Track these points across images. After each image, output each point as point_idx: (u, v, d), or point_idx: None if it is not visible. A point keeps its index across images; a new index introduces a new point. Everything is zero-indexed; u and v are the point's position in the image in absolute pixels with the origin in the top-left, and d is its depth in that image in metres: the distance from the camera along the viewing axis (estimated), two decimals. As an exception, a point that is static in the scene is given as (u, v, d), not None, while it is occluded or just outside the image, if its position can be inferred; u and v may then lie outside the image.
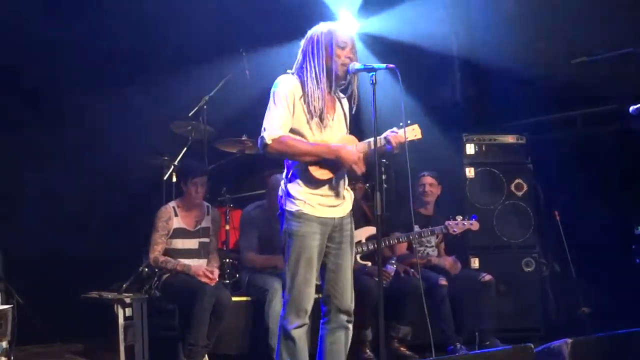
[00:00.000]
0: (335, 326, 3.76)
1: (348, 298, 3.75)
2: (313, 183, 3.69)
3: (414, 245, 5.81)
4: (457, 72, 7.38)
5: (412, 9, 6.54)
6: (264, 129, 3.63)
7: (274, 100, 3.67)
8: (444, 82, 7.41)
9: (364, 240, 5.49)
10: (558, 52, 6.36)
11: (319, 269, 3.72)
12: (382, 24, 6.73)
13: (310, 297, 3.66)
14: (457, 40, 7.16)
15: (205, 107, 6.11)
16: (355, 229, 5.31)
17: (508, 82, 6.84)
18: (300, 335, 3.66)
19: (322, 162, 3.67)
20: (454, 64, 7.36)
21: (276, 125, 3.61)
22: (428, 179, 5.98)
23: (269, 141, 3.60)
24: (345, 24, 6.63)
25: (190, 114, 6.10)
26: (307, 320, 3.67)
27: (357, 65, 3.71)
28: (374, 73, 3.68)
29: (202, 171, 5.41)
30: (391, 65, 3.69)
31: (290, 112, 3.66)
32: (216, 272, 5.17)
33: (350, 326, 3.79)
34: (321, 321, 3.80)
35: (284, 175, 3.80)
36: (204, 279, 5.03)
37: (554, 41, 6.42)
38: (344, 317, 3.75)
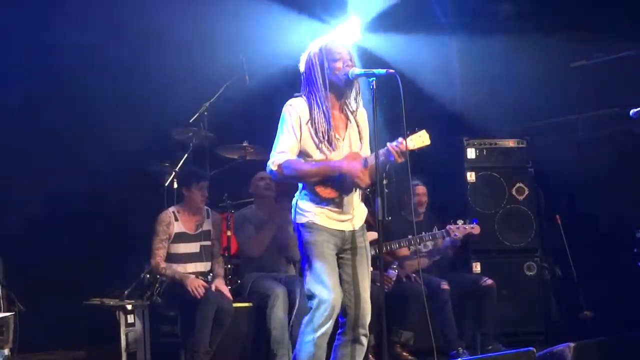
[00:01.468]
0: (350, 339, 3.75)
1: (364, 311, 3.74)
2: (321, 201, 3.74)
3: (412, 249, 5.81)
4: (458, 76, 7.39)
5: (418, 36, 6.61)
6: (271, 156, 3.71)
7: (281, 126, 3.74)
8: (444, 86, 7.40)
9: (365, 245, 5.47)
10: (558, 55, 6.37)
11: (338, 277, 3.72)
12: (384, 41, 6.75)
13: (333, 304, 3.62)
14: (457, 43, 7.17)
15: (206, 113, 6.11)
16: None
17: (508, 86, 6.84)
18: (321, 343, 3.66)
19: (328, 181, 3.71)
20: (454, 68, 7.37)
21: (282, 150, 3.69)
22: (421, 189, 5.98)
23: (274, 167, 3.69)
24: (343, 31, 6.64)
25: (191, 120, 6.11)
26: (330, 329, 3.65)
27: (357, 70, 3.73)
28: (374, 78, 3.69)
29: (206, 175, 5.51)
30: (391, 71, 3.69)
31: (297, 137, 3.71)
32: (222, 285, 5.19)
33: (365, 341, 3.77)
34: (338, 331, 3.79)
35: (296, 194, 3.84)
36: (192, 291, 5.01)
37: (554, 44, 6.43)
38: (360, 331, 3.74)
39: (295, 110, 3.73)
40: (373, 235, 5.46)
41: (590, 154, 6.55)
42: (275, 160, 3.69)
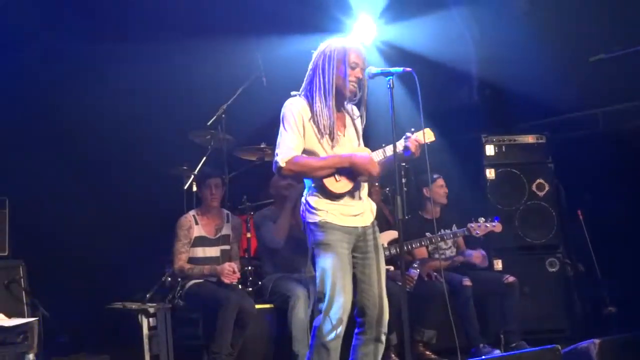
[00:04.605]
0: (369, 337, 3.74)
1: (382, 309, 3.73)
2: (331, 196, 3.71)
3: (431, 250, 5.80)
4: (475, 73, 7.35)
5: (431, 20, 6.56)
6: (277, 154, 3.68)
7: (283, 124, 3.72)
8: (461, 83, 7.37)
9: (385, 245, 5.47)
10: (576, 49, 6.31)
11: (351, 277, 3.70)
12: (400, 31, 6.73)
13: (344, 306, 3.62)
14: (474, 40, 7.13)
15: (223, 115, 6.12)
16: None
17: (526, 81, 6.80)
18: (336, 346, 3.65)
19: (337, 175, 3.69)
20: (471, 64, 7.33)
21: (288, 147, 3.67)
22: (439, 181, 5.96)
23: (282, 164, 3.66)
24: (361, 30, 6.65)
25: (208, 123, 6.12)
26: (342, 332, 3.64)
27: (373, 69, 3.73)
28: (391, 77, 3.69)
29: (215, 173, 5.50)
30: (408, 69, 3.71)
31: (301, 134, 3.70)
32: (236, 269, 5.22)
33: (384, 339, 3.77)
34: (355, 331, 3.78)
35: (304, 191, 3.82)
36: (227, 279, 5.06)
37: (572, 38, 6.38)
38: (379, 329, 3.74)
39: (296, 108, 3.71)
40: (393, 234, 5.49)
41: (612, 148, 6.49)
42: (282, 157, 3.66)
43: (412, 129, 3.82)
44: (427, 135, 3.82)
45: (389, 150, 3.78)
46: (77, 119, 6.32)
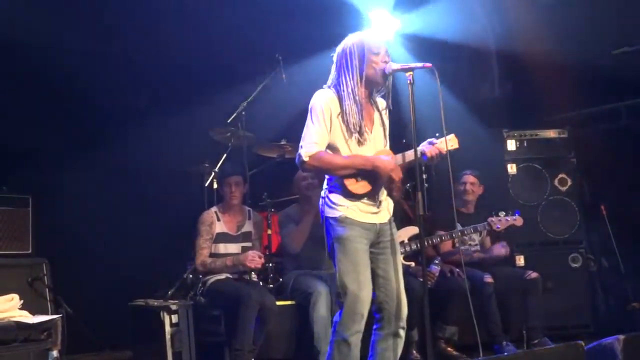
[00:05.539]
0: (388, 332, 3.74)
1: (400, 304, 3.73)
2: (350, 196, 3.71)
3: (457, 245, 5.76)
4: (496, 67, 7.30)
5: (447, 4, 6.50)
6: (301, 147, 3.68)
7: (310, 116, 3.71)
8: (482, 78, 7.32)
9: (406, 241, 5.45)
10: (599, 42, 6.25)
11: (369, 272, 3.71)
12: (417, 21, 6.68)
13: (364, 300, 3.64)
14: (494, 33, 7.07)
15: (243, 113, 6.13)
16: (398, 229, 5.34)
17: (548, 75, 6.73)
18: (356, 342, 3.66)
19: (359, 176, 3.69)
20: (492, 59, 7.28)
21: (312, 142, 3.66)
22: (470, 178, 5.92)
23: (306, 158, 3.66)
24: (381, 25, 6.61)
25: (229, 120, 6.13)
26: (362, 327, 3.65)
27: (393, 65, 3.71)
28: (411, 73, 3.66)
29: (234, 171, 5.50)
30: (428, 65, 3.69)
31: (327, 128, 3.68)
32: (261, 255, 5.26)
33: (403, 333, 3.76)
34: (374, 327, 3.79)
35: (324, 186, 3.82)
36: (251, 264, 5.09)
37: (594, 31, 6.31)
38: (398, 324, 3.74)
39: (325, 102, 3.70)
40: (414, 230, 5.47)
41: (635, 142, 6.43)
42: (307, 151, 3.66)
43: (437, 134, 3.80)
44: (450, 142, 3.80)
45: (409, 155, 3.77)
46: (99, 118, 6.36)
